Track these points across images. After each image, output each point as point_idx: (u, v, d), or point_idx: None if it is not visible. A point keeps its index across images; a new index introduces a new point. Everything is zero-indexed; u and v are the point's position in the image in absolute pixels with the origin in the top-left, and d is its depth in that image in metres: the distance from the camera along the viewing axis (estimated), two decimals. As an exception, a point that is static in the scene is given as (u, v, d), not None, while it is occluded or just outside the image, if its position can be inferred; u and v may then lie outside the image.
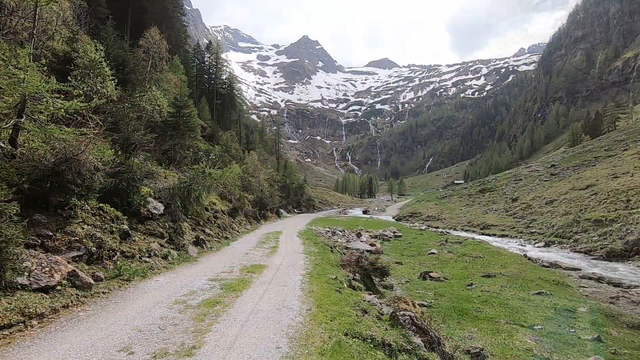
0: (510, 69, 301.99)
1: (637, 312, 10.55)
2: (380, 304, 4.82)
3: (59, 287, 4.07)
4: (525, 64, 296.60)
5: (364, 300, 4.64)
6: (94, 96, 7.67)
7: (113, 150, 8.89)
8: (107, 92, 14.29)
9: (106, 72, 15.12)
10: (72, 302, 4.16)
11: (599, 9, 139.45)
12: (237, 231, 15.86)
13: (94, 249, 5.06)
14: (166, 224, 7.97)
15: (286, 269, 7.64)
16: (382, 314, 4.35)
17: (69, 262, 4.29)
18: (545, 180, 40.40)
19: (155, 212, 7.68)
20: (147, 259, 6.36)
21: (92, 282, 4.40)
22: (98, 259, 5.12)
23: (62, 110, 5.93)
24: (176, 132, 21.14)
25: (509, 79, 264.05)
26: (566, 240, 22.56)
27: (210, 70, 51.52)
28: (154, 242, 7.03)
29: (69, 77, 12.96)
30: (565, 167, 43.88)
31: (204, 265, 7.77)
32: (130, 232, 6.49)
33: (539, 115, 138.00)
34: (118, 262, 5.47)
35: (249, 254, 10.06)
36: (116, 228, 6.02)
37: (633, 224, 19.34)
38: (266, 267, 8.00)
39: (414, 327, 3.85)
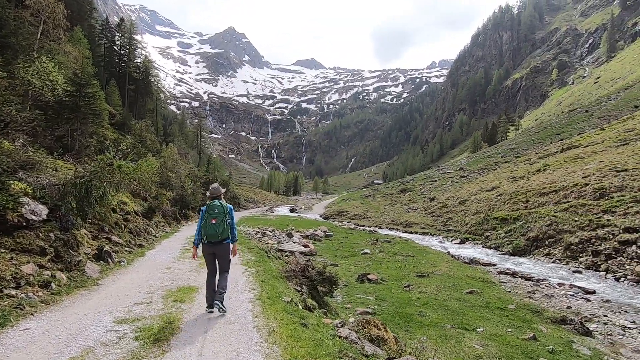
0: (424, 79, 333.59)
1: (552, 305, 11.53)
2: (357, 336, 3.79)
3: None
4: (437, 76, 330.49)
5: (339, 337, 3.58)
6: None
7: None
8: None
9: (-33, 28, 11.44)
10: None
11: (495, 33, 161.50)
12: (155, 236, 13.43)
13: None
14: (51, 234, 5.60)
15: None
16: (368, 356, 3.35)
17: None
18: (456, 182, 44.51)
19: (34, 217, 5.36)
20: (14, 292, 4.06)
21: None
22: None
23: None
24: (75, 115, 17.40)
25: (423, 89, 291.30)
26: (478, 237, 24.67)
27: (122, 52, 45.62)
28: (27, 262, 4.68)
29: None
30: (472, 170, 49.09)
31: (109, 291, 5.48)
32: (-14, 250, 4.24)
33: (447, 123, 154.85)
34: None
35: (172, 267, 8.11)
36: (-41, 246, 3.79)
37: (532, 222, 21.78)
38: (198, 290, 5.93)
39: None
